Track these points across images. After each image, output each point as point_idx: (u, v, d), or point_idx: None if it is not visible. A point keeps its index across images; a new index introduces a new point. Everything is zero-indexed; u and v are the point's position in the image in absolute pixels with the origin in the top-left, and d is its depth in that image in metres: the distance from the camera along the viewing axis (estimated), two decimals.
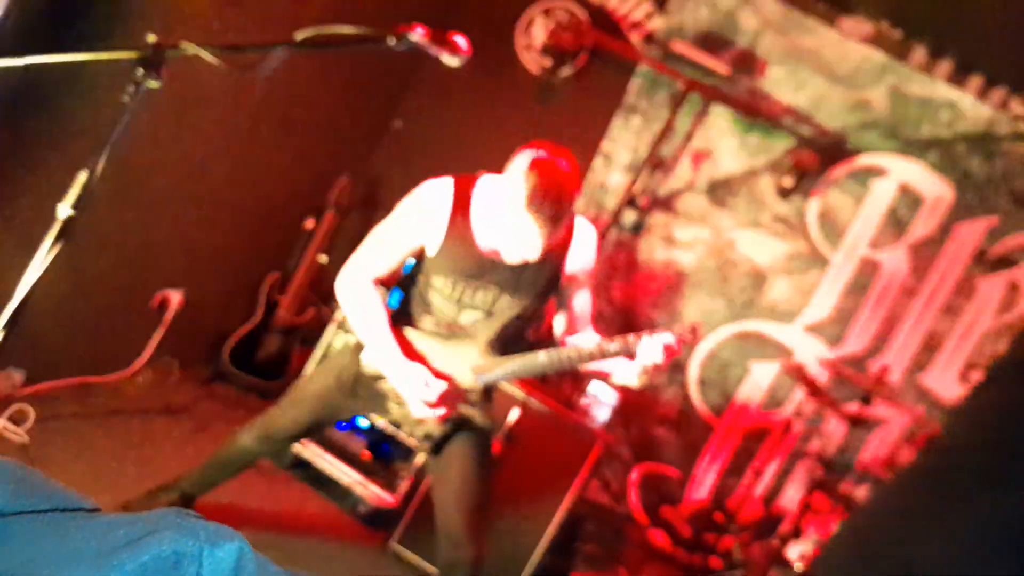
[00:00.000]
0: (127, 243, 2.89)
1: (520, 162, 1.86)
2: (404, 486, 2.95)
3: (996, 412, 1.04)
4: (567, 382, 3.74)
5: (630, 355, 1.86)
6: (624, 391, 3.20)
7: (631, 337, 1.85)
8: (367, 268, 2.06)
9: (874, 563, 1.04)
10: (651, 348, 1.83)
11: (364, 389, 2.10)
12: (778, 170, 3.72)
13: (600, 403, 3.08)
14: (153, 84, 1.37)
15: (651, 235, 3.90)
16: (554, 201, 1.81)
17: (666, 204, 3.88)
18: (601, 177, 3.94)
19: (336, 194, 3.76)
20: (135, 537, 0.47)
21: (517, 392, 2.83)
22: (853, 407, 3.18)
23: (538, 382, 3.00)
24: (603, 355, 1.90)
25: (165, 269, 3.16)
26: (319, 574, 0.57)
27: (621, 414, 3.75)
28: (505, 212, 1.86)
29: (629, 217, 3.85)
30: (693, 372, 3.85)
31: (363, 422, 3.14)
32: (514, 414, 2.81)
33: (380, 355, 2.00)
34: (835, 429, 3.69)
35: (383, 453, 3.09)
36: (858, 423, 3.17)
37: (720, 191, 3.84)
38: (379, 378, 2.06)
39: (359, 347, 2.09)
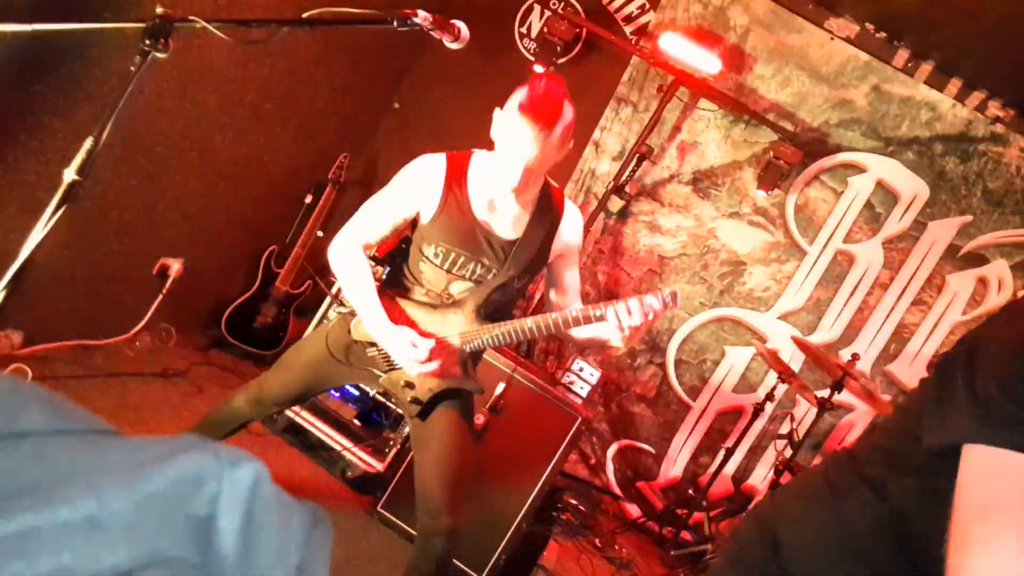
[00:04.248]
0: (130, 210, 2.95)
1: (524, 83, 1.97)
2: (391, 454, 3.06)
3: (896, 421, 1.10)
4: (551, 359, 3.87)
5: (611, 318, 1.93)
6: (605, 368, 3.32)
7: (613, 302, 1.94)
8: (359, 235, 2.12)
9: (760, 534, 1.14)
10: (631, 311, 1.93)
11: (354, 356, 2.16)
12: (760, 163, 3.84)
13: (582, 380, 3.19)
14: (160, 55, 1.38)
15: (636, 221, 4.02)
16: (549, 110, 1.89)
17: (652, 192, 4.00)
18: (591, 164, 4.05)
19: (335, 171, 3.84)
20: (163, 455, 0.50)
21: (503, 366, 2.93)
22: (823, 392, 3.31)
23: (523, 358, 3.10)
24: (586, 319, 1.98)
25: (166, 237, 3.23)
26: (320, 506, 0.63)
27: (602, 391, 3.88)
28: (503, 122, 1.94)
29: (616, 204, 3.96)
30: (671, 354, 3.99)
31: (354, 391, 3.24)
32: (500, 387, 2.91)
33: (368, 319, 2.06)
34: (805, 413, 3.84)
35: (373, 421, 3.20)
36: (827, 408, 3.30)
37: (704, 182, 3.97)
38: (369, 344, 2.13)
39: (350, 314, 2.16)
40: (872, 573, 0.97)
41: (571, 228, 2.19)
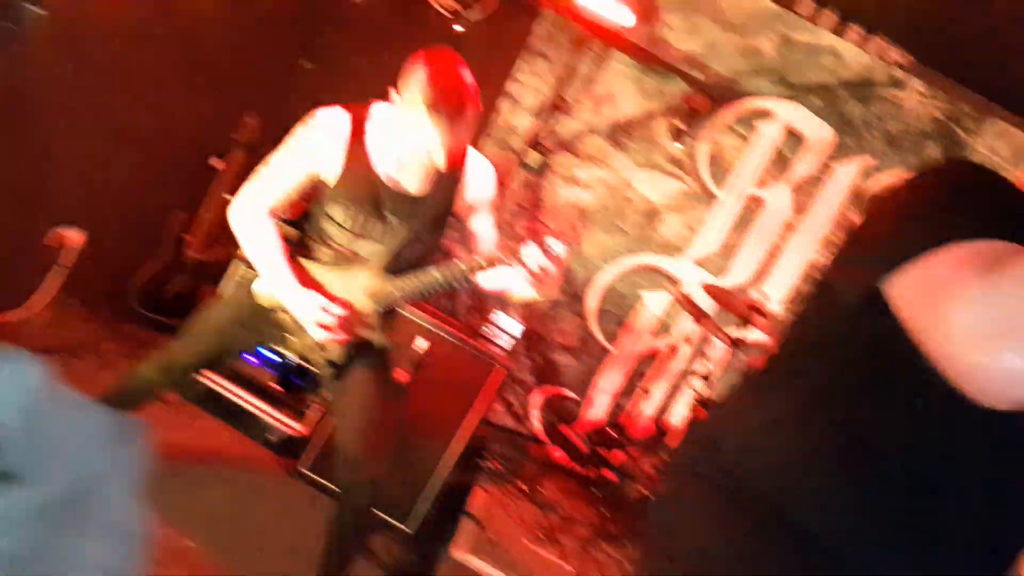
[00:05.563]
0: (18, 179, 2.82)
1: (415, 65, 1.94)
2: (315, 415, 3.06)
3: (801, 319, 1.19)
4: (473, 313, 3.91)
5: (518, 261, 1.94)
6: (528, 320, 3.37)
7: (519, 245, 1.94)
8: (262, 197, 2.08)
9: (701, 442, 1.21)
10: (537, 252, 1.95)
11: (262, 320, 2.14)
12: (673, 113, 3.90)
13: (504, 332, 3.23)
14: (36, 11, 1.33)
15: (554, 175, 4.05)
16: (460, 100, 1.88)
17: (569, 146, 4.03)
18: (508, 119, 4.05)
19: (243, 133, 3.73)
20: None
21: (424, 321, 2.95)
22: (735, 332, 3.45)
23: (446, 314, 3.12)
24: (492, 263, 1.99)
25: (62, 206, 3.10)
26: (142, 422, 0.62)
27: (525, 343, 3.95)
28: (406, 121, 1.91)
29: (535, 158, 3.98)
30: (592, 302, 4.08)
31: (272, 355, 3.21)
32: (422, 343, 2.93)
33: (275, 284, 2.05)
34: (721, 352, 3.98)
35: (293, 384, 3.18)
36: (740, 346, 3.44)
37: (619, 133, 4.02)
38: (276, 309, 2.12)
39: (255, 279, 2.14)
40: (811, 446, 1.02)
41: (480, 179, 2.19)
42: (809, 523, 0.98)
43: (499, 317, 3.27)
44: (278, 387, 3.15)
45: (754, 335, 3.60)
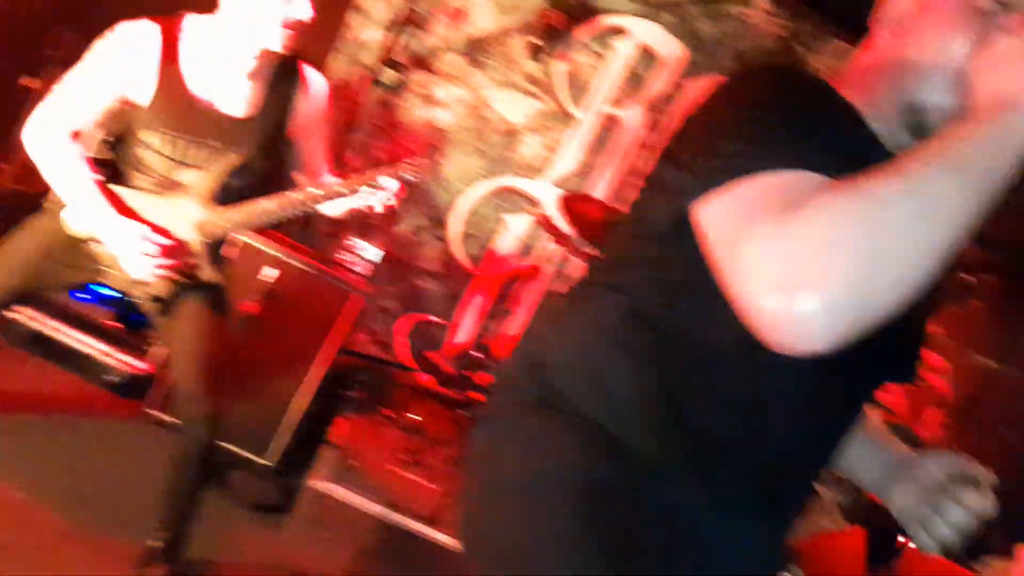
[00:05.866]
0: None
1: None
2: (160, 352, 2.90)
3: (617, 234, 1.15)
4: (330, 239, 3.80)
5: (361, 193, 1.95)
6: (391, 247, 3.31)
7: (358, 177, 1.95)
8: (64, 119, 1.88)
9: (524, 359, 1.15)
10: (380, 187, 1.93)
11: (73, 253, 1.97)
12: (530, 30, 3.84)
13: (362, 259, 3.15)
14: None
15: (411, 94, 3.93)
16: None
17: (425, 63, 3.90)
18: (358, 34, 3.84)
19: (58, 51, 3.35)
20: None
21: (272, 249, 2.82)
22: (591, 250, 3.54)
23: (298, 242, 3.00)
24: (331, 196, 1.96)
25: None
26: None
27: (388, 269, 3.90)
28: None
29: (390, 76, 3.82)
30: (455, 228, 4.06)
31: (109, 292, 2.99)
32: (270, 272, 2.81)
33: (87, 214, 1.88)
34: (579, 270, 4.11)
35: (133, 321, 2.99)
36: None
37: (476, 51, 3.92)
38: (88, 240, 1.95)
39: (61, 207, 1.95)
40: (630, 358, 1.00)
41: (312, 98, 2.10)
42: (630, 439, 0.97)
43: (356, 243, 3.18)
44: (116, 324, 2.96)
45: None
